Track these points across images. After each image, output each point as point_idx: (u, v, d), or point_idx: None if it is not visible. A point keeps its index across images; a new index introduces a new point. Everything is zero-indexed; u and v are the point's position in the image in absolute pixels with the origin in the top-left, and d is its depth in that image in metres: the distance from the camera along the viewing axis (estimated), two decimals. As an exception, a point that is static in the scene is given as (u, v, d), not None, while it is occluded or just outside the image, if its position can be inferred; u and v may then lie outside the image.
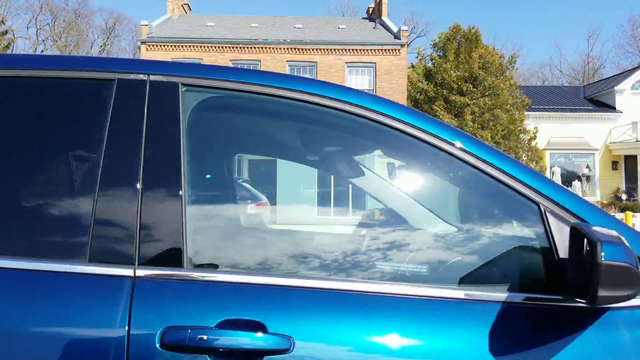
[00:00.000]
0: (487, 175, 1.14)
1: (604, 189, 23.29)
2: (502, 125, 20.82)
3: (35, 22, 64.81)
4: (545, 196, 1.12)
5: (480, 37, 23.18)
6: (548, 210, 1.11)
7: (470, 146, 1.16)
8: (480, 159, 1.14)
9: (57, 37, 66.32)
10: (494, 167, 1.14)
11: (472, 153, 1.15)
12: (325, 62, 18.32)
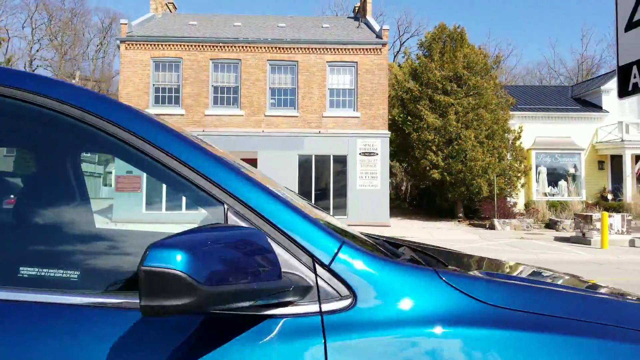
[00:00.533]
0: (171, 171, 1.06)
1: (589, 188, 23.22)
2: (486, 125, 20.73)
3: (30, 21, 64.64)
4: (231, 194, 1.03)
5: (465, 36, 23.11)
6: (232, 210, 1.02)
7: (150, 135, 1.07)
8: (161, 151, 1.05)
9: (53, 36, 66.22)
10: (179, 162, 1.05)
11: (153, 144, 1.06)
12: (307, 61, 18.22)
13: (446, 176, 21.37)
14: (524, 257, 11.64)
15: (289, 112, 18.16)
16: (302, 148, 18.00)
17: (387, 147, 18.28)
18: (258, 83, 18.09)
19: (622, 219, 14.55)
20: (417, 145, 22.24)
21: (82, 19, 72.97)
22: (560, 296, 1.14)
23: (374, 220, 17.84)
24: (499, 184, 20.33)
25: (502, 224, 18.08)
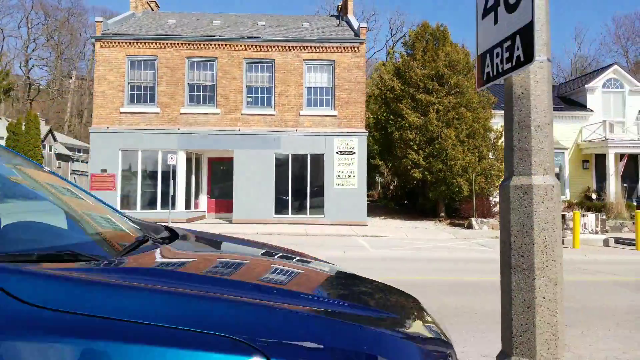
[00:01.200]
0: None
1: (574, 188, 23.07)
2: (467, 124, 20.58)
3: (26, 20, 64.48)
4: None
5: (448, 35, 22.97)
6: None
7: None
8: None
9: (50, 35, 66.11)
10: None
11: None
12: (283, 60, 18.09)
13: (427, 175, 21.23)
14: (486, 257, 11.50)
15: (265, 111, 18.01)
16: (278, 147, 17.86)
17: (364, 146, 18.13)
18: (234, 81, 17.95)
19: (596, 219, 14.39)
20: (399, 144, 22.11)
21: (79, 18, 72.80)
22: (150, 296, 1.00)
23: (350, 219, 17.71)
24: (479, 183, 20.18)
25: (480, 223, 17.94)
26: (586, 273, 9.07)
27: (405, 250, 12.31)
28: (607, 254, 12.40)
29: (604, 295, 6.90)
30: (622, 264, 10.62)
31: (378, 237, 15.01)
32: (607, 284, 7.79)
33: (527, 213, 2.36)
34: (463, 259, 10.94)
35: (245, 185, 17.65)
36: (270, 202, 17.76)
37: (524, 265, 2.36)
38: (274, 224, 17.40)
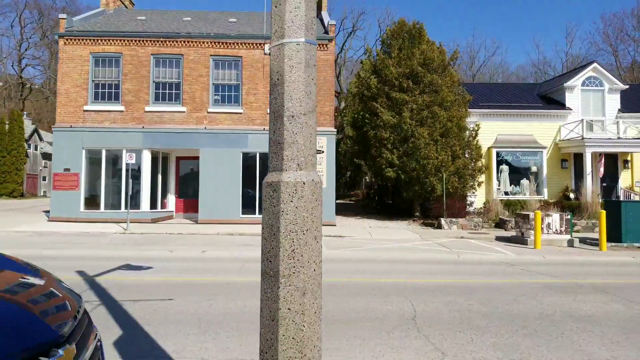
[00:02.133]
0: None
1: (552, 187, 22.78)
2: (441, 123, 20.31)
3: (19, 20, 64.26)
4: None
5: (424, 32, 22.71)
6: None
7: None
8: None
9: (44, 34, 65.83)
10: None
11: None
12: (251, 57, 17.82)
13: (401, 175, 20.98)
14: (442, 257, 11.23)
15: (232, 109, 17.74)
16: (245, 145, 17.59)
17: (333, 144, 17.86)
18: (201, 79, 17.68)
19: (560, 219, 14.12)
20: (374, 143, 21.87)
21: (74, 17, 72.54)
22: None
23: (319, 219, 17.40)
24: (452, 182, 19.91)
25: (449, 223, 17.67)
26: (524, 275, 8.80)
27: (360, 250, 12.04)
28: (567, 254, 12.14)
29: (524, 298, 6.62)
30: (572, 265, 10.35)
31: (340, 238, 14.74)
32: (536, 287, 7.52)
33: (275, 213, 2.10)
34: (412, 260, 10.67)
35: (212, 184, 17.39)
36: (237, 202, 17.49)
37: (271, 272, 2.10)
38: (241, 224, 17.14)
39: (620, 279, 8.57)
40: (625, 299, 6.59)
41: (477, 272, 8.90)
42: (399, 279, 8.11)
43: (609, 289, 7.42)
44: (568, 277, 8.55)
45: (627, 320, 5.52)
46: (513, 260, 11.04)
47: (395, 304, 6.03)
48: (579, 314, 5.70)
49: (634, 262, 11.27)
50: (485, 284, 7.70)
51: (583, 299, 6.54)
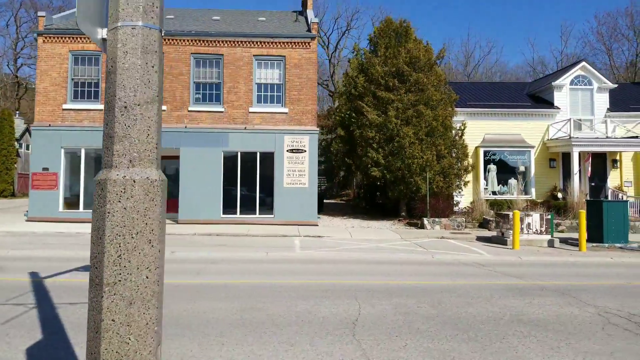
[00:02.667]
0: None
1: (540, 187, 22.61)
2: (426, 122, 20.13)
3: (15, 19, 64.16)
4: None
5: (410, 31, 22.55)
6: None
7: None
8: None
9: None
10: None
11: None
12: (232, 55, 17.63)
13: (386, 174, 20.81)
14: (414, 258, 11.06)
15: (213, 108, 17.56)
16: (226, 145, 17.41)
17: (315, 144, 17.68)
18: (181, 77, 17.50)
19: (540, 219, 13.94)
20: (360, 142, 21.71)
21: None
22: None
23: (301, 219, 17.28)
24: (437, 182, 19.73)
25: (432, 223, 17.50)
26: (491, 276, 8.62)
27: (334, 251, 11.86)
28: (544, 255, 11.96)
29: (479, 301, 6.43)
30: (544, 266, 10.16)
31: (319, 238, 14.56)
32: (497, 289, 7.33)
33: (101, 214, 1.93)
34: (383, 261, 10.49)
35: (192, 184, 17.21)
36: (218, 202, 17.31)
37: (97, 279, 1.92)
38: (222, 224, 16.97)
39: (587, 280, 8.39)
40: (582, 302, 6.41)
41: (443, 274, 8.72)
42: (360, 280, 7.93)
43: (571, 291, 7.24)
44: (534, 279, 8.37)
45: (576, 324, 5.34)
46: (486, 260, 10.86)
47: (342, 307, 5.85)
48: (528, 318, 5.52)
49: (610, 262, 11.09)
50: (445, 285, 7.53)
51: (539, 302, 6.36)
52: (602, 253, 12.56)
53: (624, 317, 5.57)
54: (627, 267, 10.45)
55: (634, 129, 22.42)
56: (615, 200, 17.46)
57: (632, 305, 6.24)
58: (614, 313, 5.78)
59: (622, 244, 13.77)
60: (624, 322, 5.40)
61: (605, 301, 6.43)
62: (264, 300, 6.18)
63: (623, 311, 5.87)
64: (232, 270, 8.79)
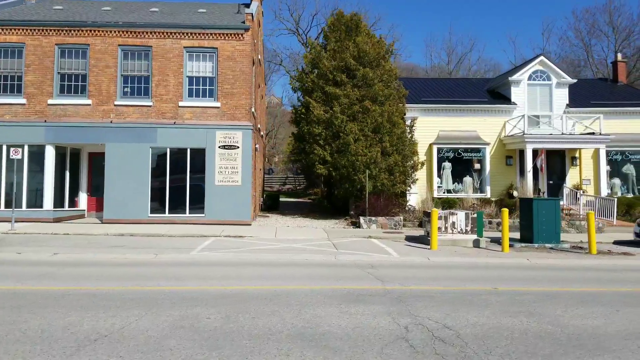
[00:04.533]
0: None
1: (496, 185, 21.91)
2: (372, 118, 19.42)
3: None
4: None
5: (361, 25, 21.83)
6: None
7: None
8: None
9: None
10: None
11: None
12: (162, 47, 16.90)
13: (332, 172, 20.11)
14: (315, 259, 10.34)
15: (141, 102, 16.83)
16: (155, 141, 16.69)
17: (249, 139, 16.95)
18: (108, 70, 16.77)
19: (466, 217, 13.23)
20: (308, 139, 21.01)
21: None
22: None
23: (233, 218, 16.56)
24: (381, 179, 19.02)
25: (369, 222, 16.79)
26: (362, 280, 7.88)
27: (237, 252, 11.14)
28: (459, 256, 11.24)
29: (287, 310, 5.70)
30: (440, 269, 9.43)
31: (240, 238, 13.84)
32: (334, 295, 6.60)
33: None
34: (266, 263, 9.76)
35: (118, 182, 16.49)
36: (145, 200, 16.58)
37: None
38: (150, 224, 16.25)
39: (457, 285, 7.64)
40: (406, 312, 5.64)
41: (309, 276, 8.00)
42: (182, 286, 7.23)
43: (411, 297, 6.49)
44: (403, 283, 7.65)
45: (364, 338, 4.61)
46: (384, 262, 10.15)
47: (105, 320, 5.10)
48: (320, 331, 4.80)
49: (521, 265, 10.36)
50: (278, 291, 6.76)
51: (357, 310, 5.65)
52: (524, 254, 11.85)
53: (431, 331, 4.86)
54: (530, 269, 9.74)
55: (592, 125, 21.73)
56: (546, 198, 16.68)
57: (460, 315, 5.54)
58: (427, 325, 5.09)
59: (553, 244, 13.08)
60: (425, 337, 4.69)
61: (434, 311, 5.73)
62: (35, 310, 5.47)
63: (440, 323, 5.16)
64: (80, 275, 8.07)
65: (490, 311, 5.80)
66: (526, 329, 5.09)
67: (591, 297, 6.89)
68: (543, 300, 6.54)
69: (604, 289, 7.68)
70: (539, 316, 5.62)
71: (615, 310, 6.09)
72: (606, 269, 9.93)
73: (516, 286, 7.63)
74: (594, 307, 6.19)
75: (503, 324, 5.23)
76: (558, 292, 7.25)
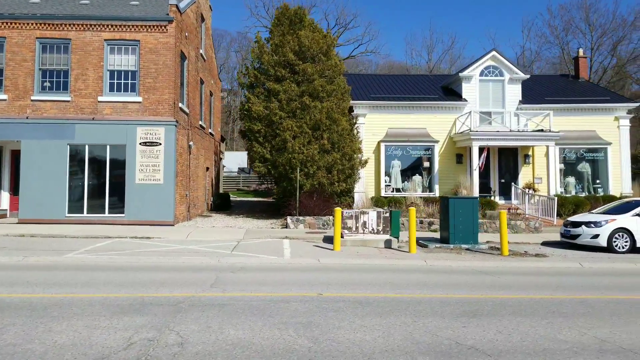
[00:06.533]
0: None
1: (445, 184, 21.28)
2: (311, 115, 18.75)
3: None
4: None
5: (305, 19, 21.17)
6: None
7: None
8: None
9: None
10: None
11: None
12: (81, 39, 16.20)
13: (271, 170, 19.46)
14: (197, 262, 9.66)
15: (59, 97, 16.13)
16: (73, 137, 15.98)
17: (173, 136, 16.25)
18: (25, 64, 16.06)
19: (378, 217, 12.56)
20: (250, 136, 20.36)
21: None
22: None
23: (155, 218, 15.87)
24: (318, 178, 18.35)
25: (296, 222, 16.12)
26: (183, 286, 7.20)
27: (121, 256, 10.45)
28: (358, 258, 10.56)
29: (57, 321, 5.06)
30: (316, 272, 8.75)
31: (144, 240, 13.15)
32: (116, 303, 5.95)
33: None
34: (126, 267, 9.09)
35: (34, 180, 15.78)
36: (63, 200, 15.87)
37: None
38: (67, 224, 15.55)
39: (291, 290, 6.95)
40: (162, 326, 4.98)
41: (142, 283, 7.32)
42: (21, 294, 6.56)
43: (215, 306, 5.83)
44: (241, 289, 6.99)
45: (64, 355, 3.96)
46: (264, 265, 9.48)
47: None
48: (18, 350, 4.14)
49: (411, 267, 9.69)
50: (66, 300, 6.11)
51: (111, 324, 4.96)
52: (431, 255, 11.19)
53: (152, 347, 4.18)
54: (416, 272, 9.06)
55: (543, 123, 21.11)
56: (462, 197, 15.99)
57: (224, 327, 4.88)
58: (162, 340, 4.42)
59: (470, 245, 12.43)
60: (136, 355, 4.03)
61: (202, 322, 5.07)
62: None
63: (182, 337, 4.48)
64: None
65: (264, 322, 5.09)
66: (290, 346, 4.36)
67: (421, 305, 6.23)
68: (353, 308, 5.80)
69: (452, 295, 7.01)
70: (313, 329, 4.89)
71: (399, 321, 5.42)
72: (501, 272, 9.27)
73: (360, 292, 6.95)
74: (389, 317, 5.47)
75: (255, 341, 4.47)
76: (395, 299, 6.58)
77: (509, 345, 4.45)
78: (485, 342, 4.57)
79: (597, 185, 21.80)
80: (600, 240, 12.08)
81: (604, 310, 5.99)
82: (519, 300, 6.48)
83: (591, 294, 7.12)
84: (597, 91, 24.42)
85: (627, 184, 21.70)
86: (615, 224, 12.06)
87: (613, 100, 22.63)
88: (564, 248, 12.85)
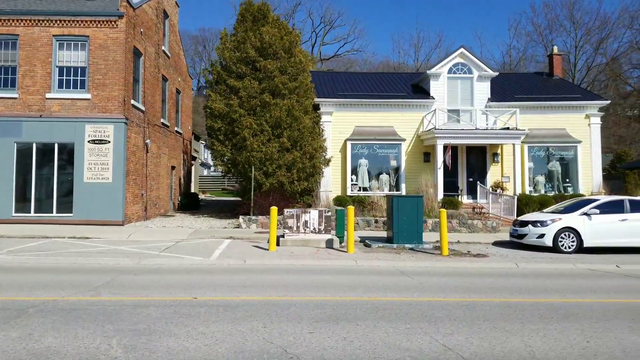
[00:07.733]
0: None
1: (412, 183, 20.91)
2: (271, 112, 18.38)
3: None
4: None
5: (269, 15, 20.76)
6: None
7: None
8: None
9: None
10: None
11: None
12: (29, 35, 15.81)
13: (231, 169, 19.11)
14: (94, 264, 9.29)
15: (6, 94, 15.74)
16: (20, 135, 15.60)
17: (122, 134, 15.86)
18: (-30, 60, 15.68)
19: (319, 216, 12.21)
20: (211, 134, 19.98)
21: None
22: None
23: (103, 218, 15.49)
24: (278, 177, 18.00)
25: (249, 221, 15.76)
26: (68, 289, 6.85)
27: (39, 257, 10.07)
28: (288, 258, 10.20)
29: None
30: (227, 274, 8.40)
31: (82, 240, 12.79)
32: None
33: None
34: (25, 269, 8.71)
35: (-21, 178, 15.38)
36: (9, 199, 15.49)
37: None
38: (14, 224, 15.16)
39: (176, 295, 6.62)
40: None
41: (28, 285, 6.98)
42: None
43: (79, 310, 5.49)
44: (120, 293, 6.63)
45: None
46: (182, 267, 9.12)
47: None
48: None
49: (336, 268, 9.33)
50: None
51: None
52: (368, 255, 10.84)
53: None
54: (336, 274, 8.71)
55: (510, 121, 20.80)
56: (406, 195, 15.65)
57: (43, 335, 4.51)
58: None
59: (414, 244, 12.10)
60: None
61: (15, 330, 4.70)
62: None
63: None
64: None
65: (95, 329, 4.66)
66: (95, 356, 3.95)
67: (291, 308, 5.87)
68: (212, 314, 5.41)
69: (331, 298, 6.65)
70: (141, 337, 4.50)
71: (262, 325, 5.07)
72: (423, 273, 8.91)
73: (242, 295, 6.56)
74: (241, 323, 5.15)
75: (64, 350, 4.05)
76: (269, 302, 6.22)
77: (339, 353, 4.05)
78: (318, 349, 4.19)
79: (567, 184, 21.49)
80: (545, 240, 11.74)
81: (488, 315, 5.58)
82: (398, 304, 6.10)
83: (493, 296, 6.76)
84: (569, 89, 24.12)
85: (597, 183, 21.39)
86: (561, 223, 11.73)
87: (584, 98, 22.33)
88: (514, 248, 12.51)
